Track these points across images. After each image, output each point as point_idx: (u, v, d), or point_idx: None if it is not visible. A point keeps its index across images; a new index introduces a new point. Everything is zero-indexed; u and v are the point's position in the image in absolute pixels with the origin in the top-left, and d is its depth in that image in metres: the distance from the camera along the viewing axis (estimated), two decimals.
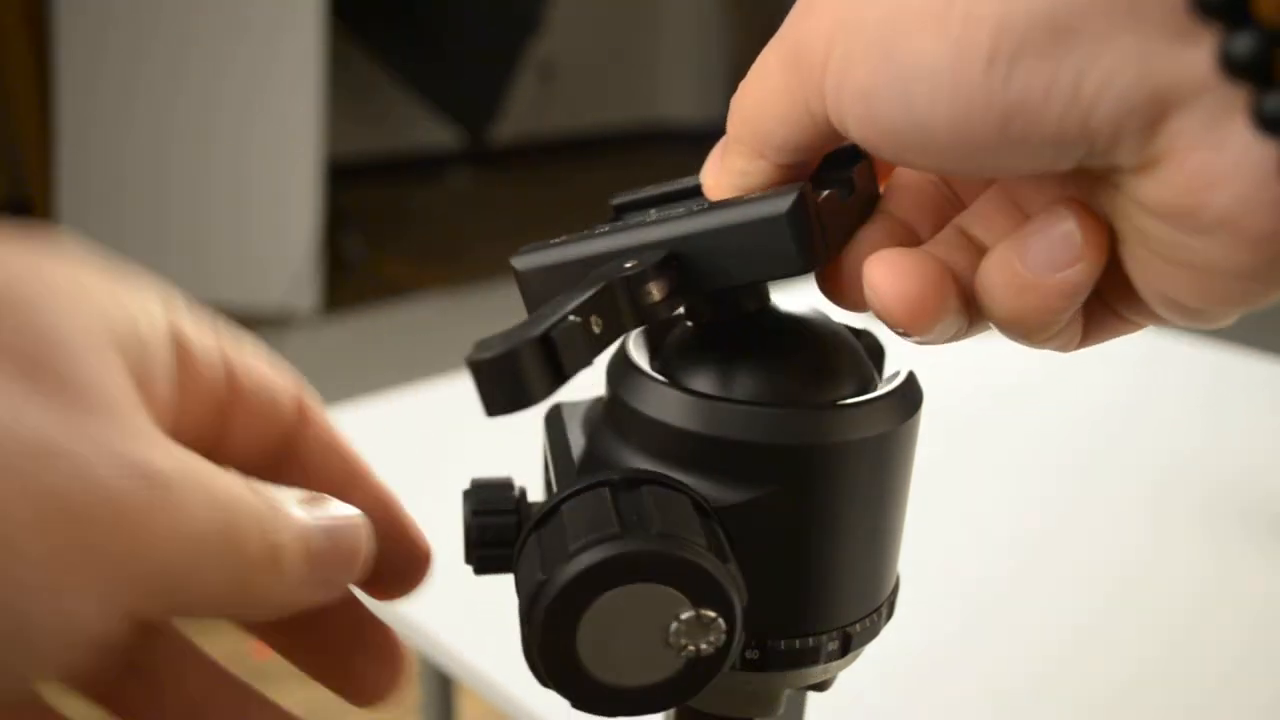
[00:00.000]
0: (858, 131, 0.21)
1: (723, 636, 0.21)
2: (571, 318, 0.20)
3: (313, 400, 0.25)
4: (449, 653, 0.63)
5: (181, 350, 0.21)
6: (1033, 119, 0.19)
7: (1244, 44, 0.17)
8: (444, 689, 0.88)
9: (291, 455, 0.24)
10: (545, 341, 0.19)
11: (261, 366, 0.23)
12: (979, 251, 0.24)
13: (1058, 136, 0.19)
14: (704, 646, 0.21)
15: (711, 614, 0.21)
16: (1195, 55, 0.18)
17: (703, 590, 0.21)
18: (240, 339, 0.23)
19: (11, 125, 2.90)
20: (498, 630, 0.43)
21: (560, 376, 0.20)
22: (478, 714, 1.15)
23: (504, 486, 0.26)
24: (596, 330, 0.21)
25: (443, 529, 0.31)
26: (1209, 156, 0.18)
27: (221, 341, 0.22)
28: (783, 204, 0.22)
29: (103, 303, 0.19)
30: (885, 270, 0.22)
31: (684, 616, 0.21)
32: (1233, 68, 0.17)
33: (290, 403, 0.24)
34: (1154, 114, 0.18)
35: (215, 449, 0.23)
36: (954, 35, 0.19)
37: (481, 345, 0.19)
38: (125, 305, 0.20)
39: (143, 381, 0.19)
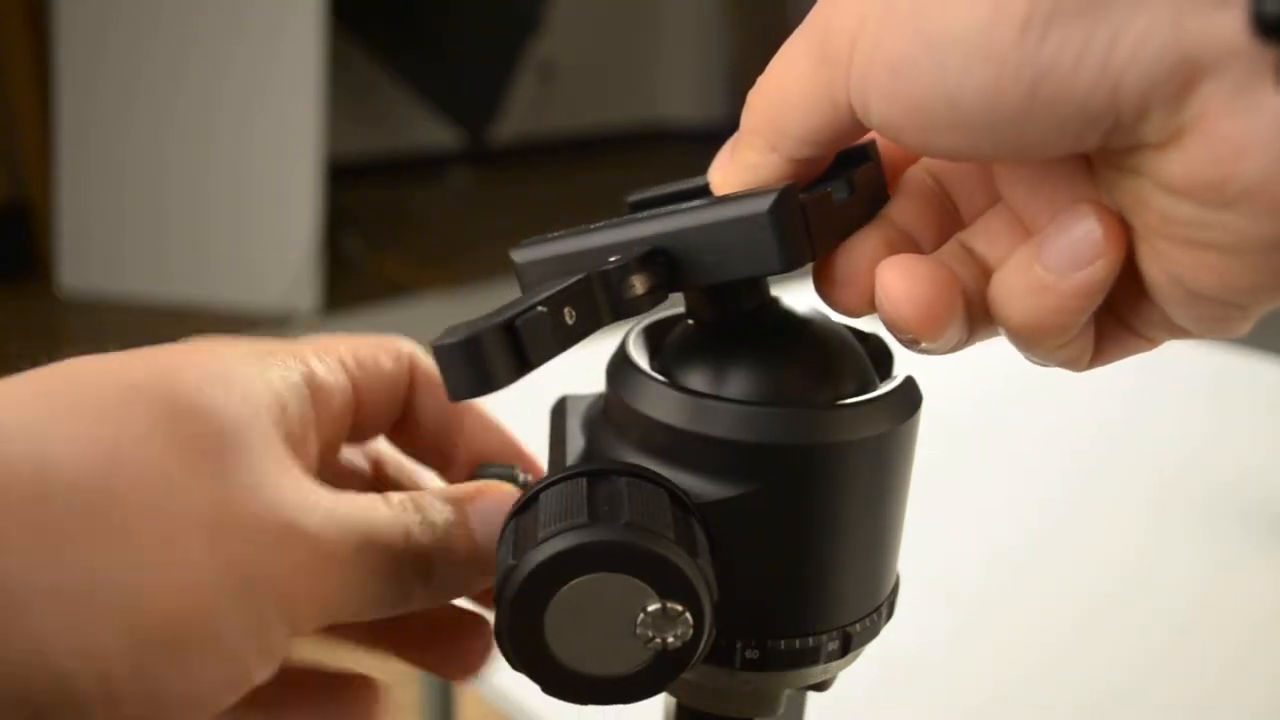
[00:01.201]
0: (881, 112, 0.21)
1: (690, 630, 0.22)
2: (539, 308, 0.20)
3: (421, 358, 0.30)
4: None
5: (315, 393, 0.26)
6: (1063, 87, 0.19)
7: (1276, 4, 0.17)
8: (444, 689, 0.88)
9: (410, 410, 0.30)
10: (509, 329, 0.20)
11: (376, 361, 0.28)
12: (981, 267, 0.24)
13: (1085, 106, 0.19)
14: (671, 639, 0.22)
15: (678, 607, 0.21)
16: (1226, 18, 0.18)
17: (669, 583, 0.21)
18: (357, 346, 0.28)
19: (11, 125, 2.90)
20: None
21: (525, 364, 0.20)
22: (478, 714, 1.15)
23: (507, 477, 0.27)
24: (570, 321, 0.21)
25: None
26: (1238, 124, 0.18)
27: (345, 365, 0.27)
28: (765, 202, 0.22)
29: (252, 385, 0.23)
30: (899, 274, 0.22)
31: (650, 608, 0.21)
32: (1265, 28, 0.17)
33: (403, 371, 0.29)
34: (1183, 81, 0.18)
35: (354, 435, 0.29)
36: (988, 2, 0.19)
37: (449, 331, 0.20)
38: (269, 380, 0.24)
39: (291, 435, 0.24)
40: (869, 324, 0.27)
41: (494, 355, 0.20)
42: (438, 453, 0.31)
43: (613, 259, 0.22)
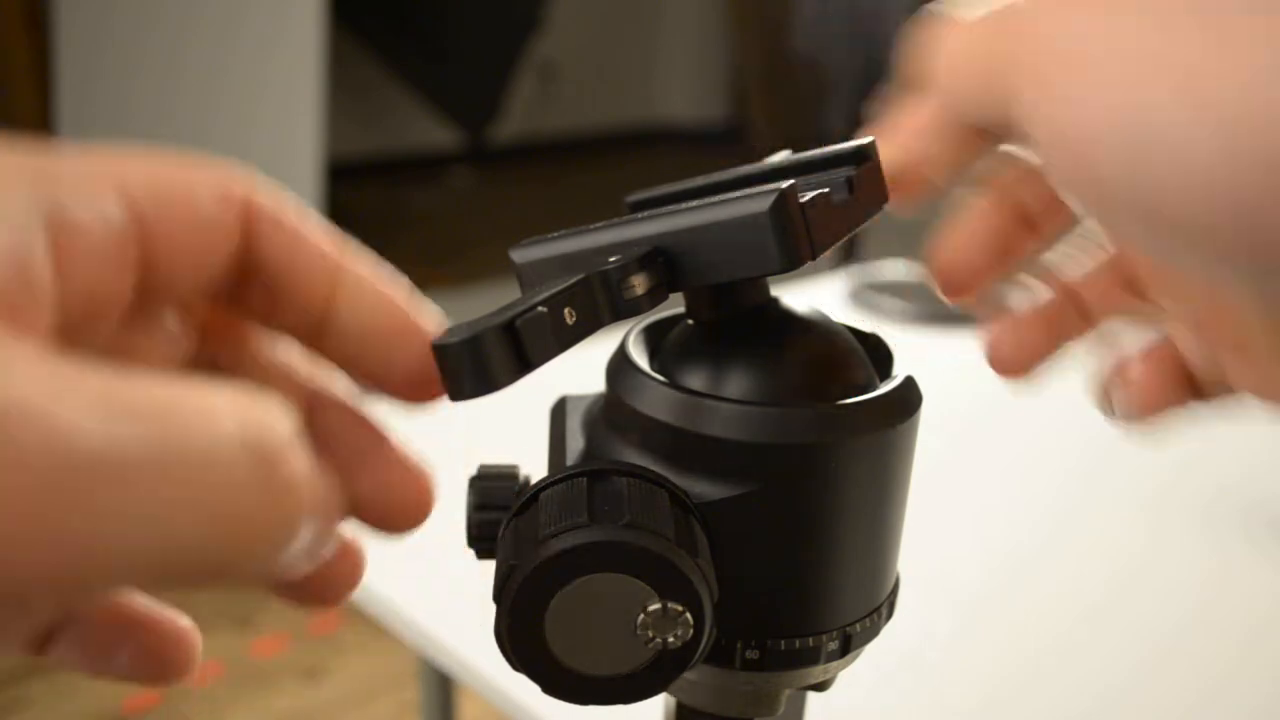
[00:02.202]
0: (1059, 177, 0.20)
1: (690, 630, 0.22)
2: (540, 308, 0.20)
3: (268, 197, 0.21)
4: (449, 653, 0.63)
5: (60, 235, 0.17)
6: None
7: None
8: (444, 689, 0.88)
9: (251, 266, 0.21)
10: (509, 329, 0.20)
11: (188, 197, 0.20)
12: (1084, 314, 0.27)
13: None
14: (671, 639, 0.22)
15: (678, 607, 0.21)
16: None
17: (669, 583, 0.21)
18: (155, 173, 0.19)
19: (11, 125, 2.91)
20: None
21: (525, 364, 0.20)
22: (478, 714, 1.15)
23: (508, 476, 0.27)
24: (570, 321, 0.21)
25: (445, 524, 0.31)
26: None
27: (126, 198, 0.19)
28: (764, 202, 0.22)
29: None
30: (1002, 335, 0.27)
31: (651, 609, 0.21)
32: None
33: (231, 212, 0.20)
34: None
35: (152, 297, 0.20)
36: (1226, 131, 0.17)
37: (449, 331, 0.20)
38: None
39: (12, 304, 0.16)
40: (871, 324, 0.27)
41: (494, 355, 0.20)
42: (301, 322, 0.21)
43: (613, 259, 0.22)
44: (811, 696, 0.29)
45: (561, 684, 0.22)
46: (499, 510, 0.26)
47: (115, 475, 0.14)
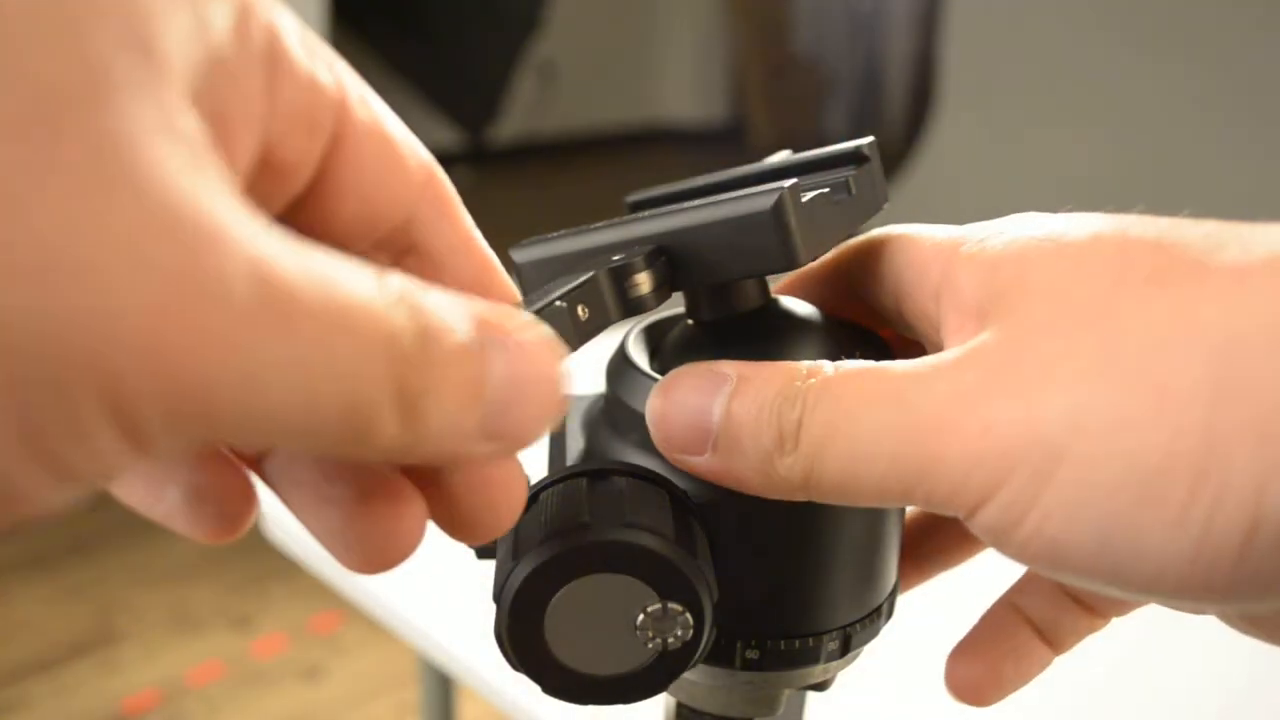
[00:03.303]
0: (1022, 560, 0.20)
1: (690, 630, 0.22)
2: (558, 303, 0.20)
3: (445, 182, 0.20)
4: (449, 653, 0.64)
5: (278, 77, 0.16)
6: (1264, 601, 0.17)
7: None
8: (444, 689, 0.88)
9: (410, 249, 0.20)
10: None
11: (392, 123, 0.18)
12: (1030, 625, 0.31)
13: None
14: (671, 640, 0.22)
15: (678, 607, 0.21)
16: None
17: (668, 583, 0.21)
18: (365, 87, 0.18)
19: None
20: None
21: None
22: (478, 714, 1.15)
23: None
24: (583, 318, 0.21)
25: None
26: None
27: (340, 76, 0.17)
28: (765, 202, 0.22)
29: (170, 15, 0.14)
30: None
31: (650, 608, 0.21)
32: None
33: (418, 177, 0.19)
34: None
35: (306, 212, 0.18)
36: (1194, 535, 0.17)
37: None
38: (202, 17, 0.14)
39: (220, 120, 0.15)
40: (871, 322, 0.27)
41: None
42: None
43: (616, 258, 0.22)
44: (811, 696, 0.29)
45: (561, 684, 0.22)
46: None
47: (300, 316, 0.13)
